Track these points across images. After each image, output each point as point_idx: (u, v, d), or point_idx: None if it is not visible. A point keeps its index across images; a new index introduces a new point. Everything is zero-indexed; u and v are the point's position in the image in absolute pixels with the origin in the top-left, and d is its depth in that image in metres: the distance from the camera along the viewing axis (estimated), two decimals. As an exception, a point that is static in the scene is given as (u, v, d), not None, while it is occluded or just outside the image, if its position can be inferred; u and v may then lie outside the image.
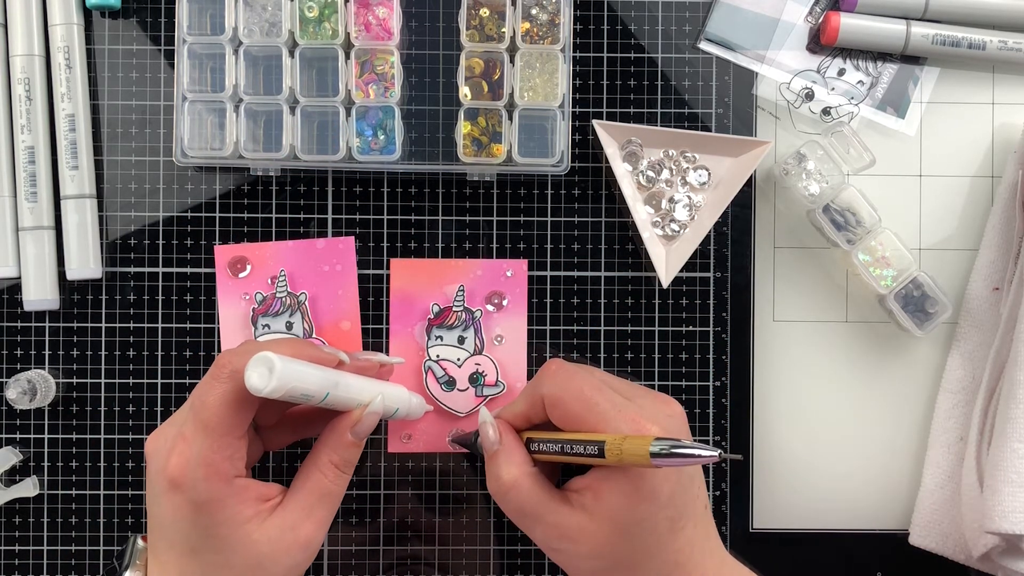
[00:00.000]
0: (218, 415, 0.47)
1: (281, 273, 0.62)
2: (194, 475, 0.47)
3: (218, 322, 0.62)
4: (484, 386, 0.62)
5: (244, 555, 0.48)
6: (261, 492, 0.49)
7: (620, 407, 0.48)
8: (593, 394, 0.49)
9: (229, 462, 0.47)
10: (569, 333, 0.63)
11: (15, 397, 0.60)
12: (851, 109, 0.64)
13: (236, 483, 0.48)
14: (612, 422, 0.48)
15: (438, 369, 0.62)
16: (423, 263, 0.63)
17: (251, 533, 0.48)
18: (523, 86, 0.60)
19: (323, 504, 0.50)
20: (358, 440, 0.51)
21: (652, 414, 0.48)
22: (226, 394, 0.47)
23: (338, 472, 0.51)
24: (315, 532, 0.50)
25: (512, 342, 0.63)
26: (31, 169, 0.61)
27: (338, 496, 0.51)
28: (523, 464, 0.51)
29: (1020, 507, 0.55)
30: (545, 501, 0.50)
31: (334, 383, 0.49)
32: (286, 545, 0.48)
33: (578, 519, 0.49)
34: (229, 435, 0.47)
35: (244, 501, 0.48)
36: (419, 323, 0.62)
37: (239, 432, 0.48)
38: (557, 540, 0.50)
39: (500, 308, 0.63)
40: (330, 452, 0.51)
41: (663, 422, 0.48)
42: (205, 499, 0.47)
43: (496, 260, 0.63)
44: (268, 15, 0.60)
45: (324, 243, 0.62)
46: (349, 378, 0.51)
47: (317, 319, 0.62)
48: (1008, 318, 0.60)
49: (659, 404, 0.51)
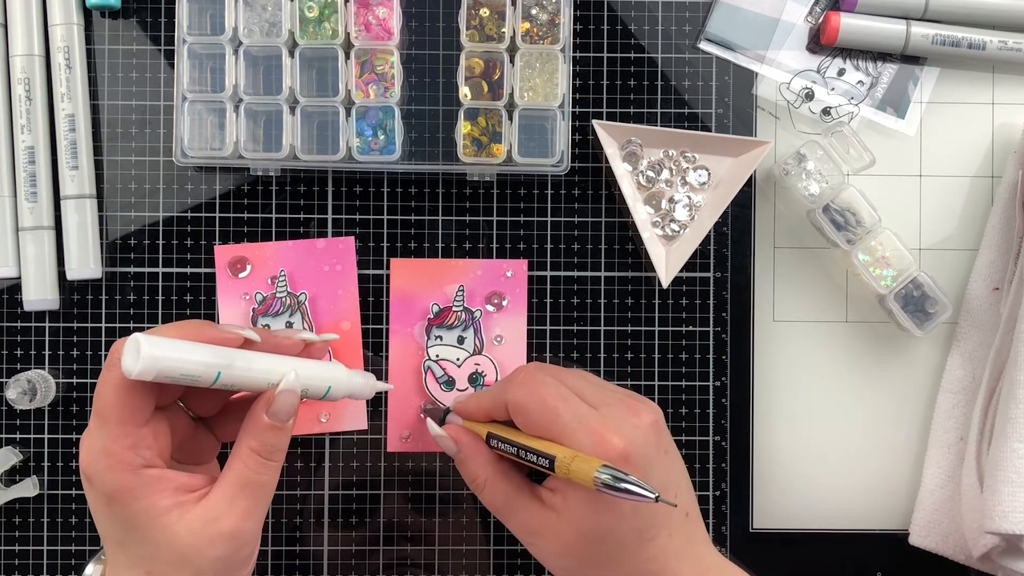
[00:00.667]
0: (110, 404, 0.45)
1: (281, 273, 0.62)
2: (97, 467, 0.46)
3: (218, 322, 0.62)
4: (483, 386, 0.62)
5: (167, 547, 0.46)
6: (182, 483, 0.47)
7: (582, 418, 0.48)
8: (557, 404, 0.49)
9: (132, 451, 0.46)
10: (569, 333, 0.63)
11: (15, 397, 0.60)
12: (851, 109, 0.64)
13: (145, 473, 0.46)
14: (573, 434, 0.47)
15: (437, 369, 0.62)
16: (423, 263, 0.63)
17: (171, 525, 0.46)
18: (523, 86, 0.60)
19: (246, 494, 0.47)
20: (278, 422, 0.48)
21: (616, 425, 0.48)
22: (116, 382, 0.45)
23: (259, 460, 0.48)
24: (239, 523, 0.47)
25: (512, 342, 0.63)
26: (31, 169, 0.61)
27: (263, 485, 0.48)
28: (488, 464, 0.52)
29: (1020, 507, 0.55)
30: (516, 498, 0.51)
31: (227, 363, 0.46)
32: (209, 537, 0.46)
33: (548, 518, 0.49)
34: (127, 423, 0.46)
35: (159, 492, 0.46)
36: (419, 323, 0.62)
37: (138, 420, 0.46)
38: (528, 535, 0.51)
39: (500, 308, 0.63)
40: (249, 438, 0.48)
41: (628, 433, 0.48)
42: (112, 490, 0.45)
43: (496, 260, 0.63)
44: (268, 15, 0.60)
45: (324, 243, 0.62)
46: (252, 357, 0.48)
47: (317, 319, 0.62)
48: (1008, 318, 0.60)
49: (627, 413, 0.50)
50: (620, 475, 0.44)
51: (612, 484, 0.44)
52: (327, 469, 0.63)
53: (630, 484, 0.44)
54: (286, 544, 0.62)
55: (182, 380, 0.45)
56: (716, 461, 0.63)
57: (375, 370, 0.62)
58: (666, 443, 0.50)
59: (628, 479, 0.44)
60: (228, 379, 0.47)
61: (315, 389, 0.51)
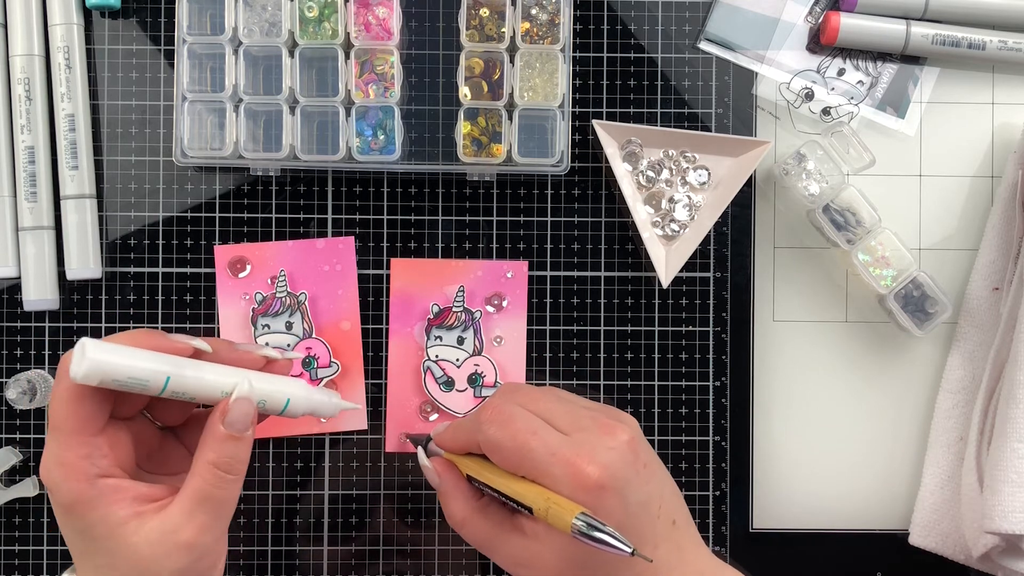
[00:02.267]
0: (62, 413, 0.45)
1: (281, 273, 0.62)
2: (54, 477, 0.45)
3: (218, 322, 0.62)
4: (483, 387, 0.62)
5: (125, 557, 0.46)
6: (141, 493, 0.47)
7: (555, 450, 0.47)
8: (528, 439, 0.48)
9: (87, 461, 0.45)
10: (569, 333, 0.63)
11: (15, 397, 0.60)
12: (851, 109, 0.64)
13: (102, 483, 0.45)
14: (548, 469, 0.47)
15: (437, 369, 0.62)
16: (423, 263, 0.63)
17: (128, 536, 0.46)
18: (523, 86, 0.60)
19: (205, 509, 0.46)
20: (236, 432, 0.47)
21: (591, 452, 0.47)
22: (66, 391, 0.45)
23: (218, 473, 0.47)
24: (198, 536, 0.46)
25: (511, 343, 0.63)
26: (31, 169, 0.61)
27: (222, 499, 0.47)
28: (468, 500, 0.51)
29: (1020, 507, 0.55)
30: (497, 533, 0.50)
31: (176, 369, 0.45)
32: (166, 549, 0.46)
33: (531, 548, 0.48)
34: (80, 433, 0.45)
35: (116, 502, 0.46)
36: (419, 323, 0.62)
37: (92, 429, 0.45)
38: (514, 567, 0.50)
39: (500, 309, 0.63)
40: (207, 450, 0.47)
41: (603, 458, 0.47)
42: (69, 501, 0.45)
43: (496, 261, 0.63)
44: (268, 15, 0.60)
45: (324, 243, 0.62)
46: (204, 367, 0.47)
47: (317, 319, 0.62)
48: (1008, 318, 0.60)
49: (601, 435, 0.48)
50: (596, 524, 0.44)
51: (587, 533, 0.44)
52: (327, 469, 0.63)
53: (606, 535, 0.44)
54: (286, 544, 0.62)
55: (130, 385, 0.45)
56: (716, 461, 0.63)
57: (374, 369, 0.62)
58: (645, 456, 0.49)
59: (604, 529, 0.44)
60: (178, 386, 0.46)
61: (273, 402, 0.50)
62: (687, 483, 0.63)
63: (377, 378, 0.62)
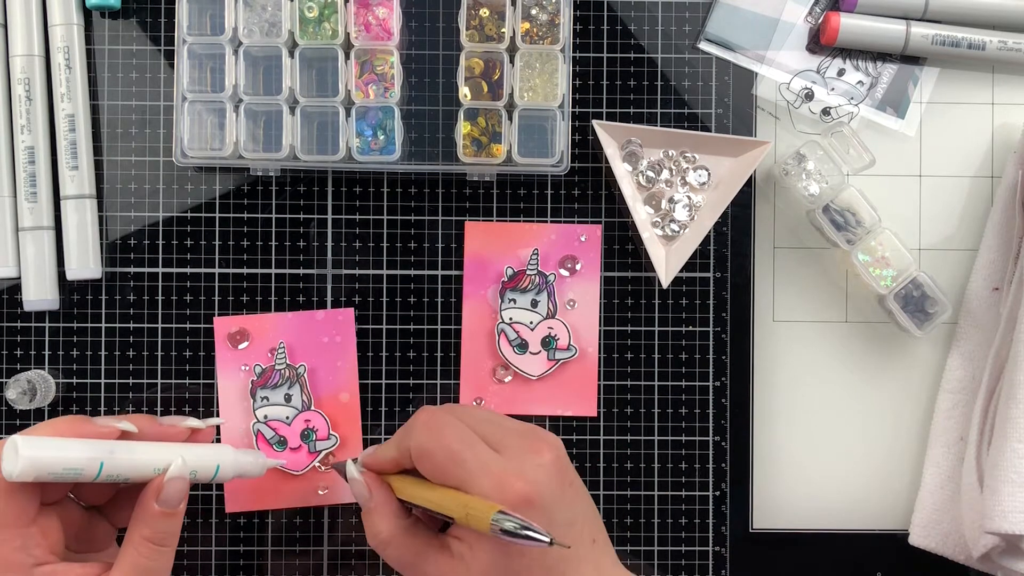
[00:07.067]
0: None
1: (280, 345, 0.62)
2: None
3: (216, 393, 0.62)
4: (556, 350, 0.62)
5: None
6: (77, 574, 0.48)
7: (486, 463, 0.48)
8: (461, 449, 0.48)
9: (23, 552, 0.46)
10: (569, 333, 0.63)
11: (15, 397, 0.60)
12: (851, 109, 0.64)
13: (38, 572, 0.47)
14: (477, 480, 0.47)
15: (511, 332, 0.62)
16: (497, 226, 0.63)
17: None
18: (523, 86, 0.60)
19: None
20: (169, 508, 0.49)
21: (519, 468, 0.48)
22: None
23: (152, 547, 0.48)
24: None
25: (584, 306, 0.63)
26: (31, 169, 0.61)
27: (158, 570, 0.49)
28: (396, 518, 0.51)
29: (1020, 507, 0.55)
30: (422, 552, 0.50)
31: (108, 454, 0.47)
32: None
33: (457, 568, 0.48)
34: (13, 526, 0.46)
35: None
36: (492, 285, 0.63)
37: (24, 521, 0.47)
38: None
39: (573, 272, 0.63)
40: (141, 526, 0.48)
41: (530, 474, 0.47)
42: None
43: (570, 224, 0.63)
44: (268, 15, 0.60)
45: (324, 314, 0.62)
46: (134, 446, 0.49)
47: (316, 391, 0.62)
48: (1008, 318, 0.60)
49: (530, 453, 0.49)
50: (516, 520, 0.44)
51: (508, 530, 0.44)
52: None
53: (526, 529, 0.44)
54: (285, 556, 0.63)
55: (65, 476, 0.46)
56: (716, 461, 0.63)
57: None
58: (570, 476, 0.50)
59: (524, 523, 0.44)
60: (113, 469, 0.47)
61: (204, 471, 0.52)
62: (687, 483, 0.63)
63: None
